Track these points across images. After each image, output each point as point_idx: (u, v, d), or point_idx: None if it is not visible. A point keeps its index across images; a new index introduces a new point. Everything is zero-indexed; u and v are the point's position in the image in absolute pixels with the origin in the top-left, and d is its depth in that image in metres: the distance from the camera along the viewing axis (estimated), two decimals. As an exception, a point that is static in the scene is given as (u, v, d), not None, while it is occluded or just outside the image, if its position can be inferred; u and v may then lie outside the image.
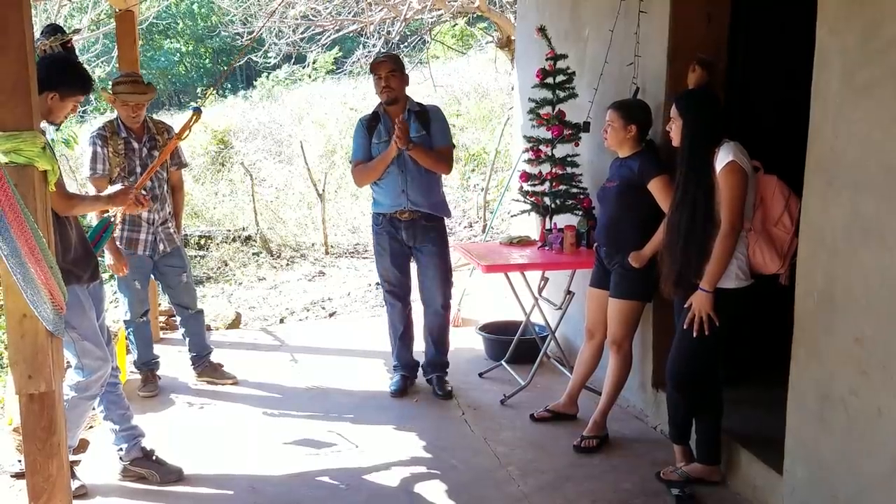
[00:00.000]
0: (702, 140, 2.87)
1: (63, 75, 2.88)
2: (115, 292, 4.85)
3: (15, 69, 2.27)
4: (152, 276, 4.24)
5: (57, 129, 5.66)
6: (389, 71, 3.89)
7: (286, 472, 3.32)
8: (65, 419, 2.60)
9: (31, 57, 2.31)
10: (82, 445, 3.48)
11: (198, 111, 3.85)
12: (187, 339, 4.35)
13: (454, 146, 4.12)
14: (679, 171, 2.94)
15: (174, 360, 4.57)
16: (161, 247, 4.09)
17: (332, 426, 3.78)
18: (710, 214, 2.83)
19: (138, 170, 3.94)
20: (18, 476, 3.16)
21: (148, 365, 4.24)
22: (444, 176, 4.15)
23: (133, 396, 4.02)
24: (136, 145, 3.97)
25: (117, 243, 3.98)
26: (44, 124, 2.87)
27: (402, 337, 4.24)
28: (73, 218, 2.99)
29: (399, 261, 4.12)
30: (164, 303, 5.54)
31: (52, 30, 3.53)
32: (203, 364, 4.37)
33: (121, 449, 3.24)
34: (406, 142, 3.78)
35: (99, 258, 3.32)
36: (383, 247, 4.11)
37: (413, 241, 4.05)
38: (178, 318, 4.39)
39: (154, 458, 3.26)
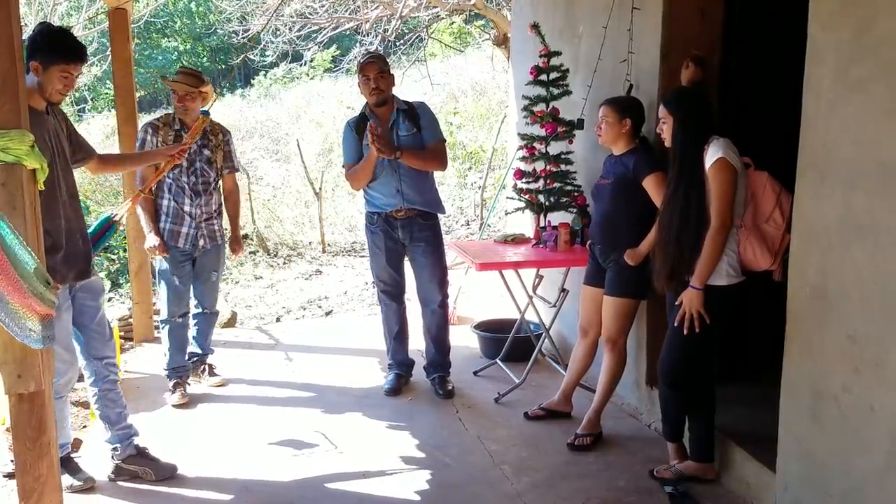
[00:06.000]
0: (692, 138, 2.87)
1: (40, 41, 2.81)
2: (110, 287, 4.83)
3: (3, 67, 2.25)
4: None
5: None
6: (378, 72, 3.87)
7: (279, 471, 3.31)
8: (55, 419, 2.58)
9: (19, 54, 2.29)
10: (76, 445, 3.47)
11: (205, 114, 3.89)
12: (192, 336, 4.32)
13: (445, 140, 4.11)
14: (671, 168, 2.94)
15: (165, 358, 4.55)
16: (202, 242, 4.06)
17: (326, 425, 3.77)
18: (702, 211, 2.82)
19: (184, 163, 3.93)
20: (10, 476, 3.15)
21: (178, 371, 4.15)
22: (438, 172, 4.13)
23: (134, 396, 3.99)
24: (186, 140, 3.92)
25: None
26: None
27: (398, 336, 4.23)
28: (73, 210, 2.95)
29: (394, 260, 4.10)
30: (160, 301, 5.54)
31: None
32: (200, 363, 4.34)
33: (115, 448, 3.22)
34: (391, 151, 3.77)
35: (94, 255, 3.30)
36: (378, 246, 4.08)
37: (409, 239, 4.03)
38: (192, 311, 4.35)
39: (148, 455, 3.25)
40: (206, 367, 4.36)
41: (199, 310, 4.29)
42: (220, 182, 4.18)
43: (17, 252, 2.17)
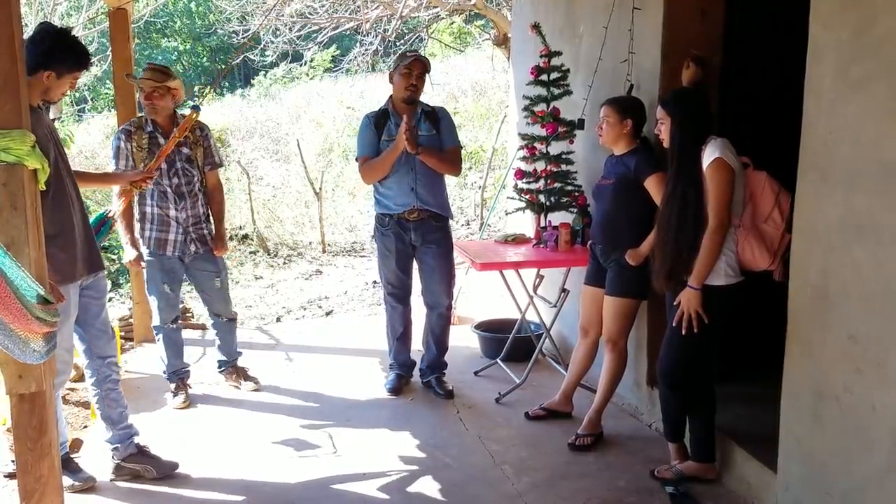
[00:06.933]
0: (690, 138, 2.87)
1: (59, 52, 2.83)
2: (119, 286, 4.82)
3: (4, 67, 2.25)
4: (186, 279, 4.13)
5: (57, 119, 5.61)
6: (421, 72, 3.90)
7: (280, 471, 3.31)
8: (56, 419, 2.58)
9: (20, 54, 2.29)
10: (76, 445, 3.47)
11: (196, 109, 3.82)
12: (216, 343, 4.29)
13: (461, 147, 4.12)
14: (669, 168, 2.94)
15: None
16: (192, 248, 3.92)
17: (326, 425, 3.77)
18: (700, 211, 2.82)
19: (164, 166, 3.80)
20: (11, 476, 3.15)
21: (178, 374, 4.11)
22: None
23: (134, 396, 3.99)
24: (161, 140, 3.81)
25: (143, 244, 3.91)
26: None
27: (402, 338, 4.22)
28: (78, 201, 2.96)
29: (403, 262, 4.08)
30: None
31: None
32: (229, 369, 4.32)
33: (116, 447, 3.22)
34: (414, 146, 3.76)
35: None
36: (389, 249, 4.04)
37: (420, 241, 4.01)
38: (210, 321, 4.31)
39: (148, 453, 3.26)
40: (238, 371, 4.31)
41: (214, 319, 4.23)
42: (204, 181, 4.00)
43: (18, 280, 2.14)
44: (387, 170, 3.91)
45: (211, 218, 4.06)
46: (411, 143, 3.74)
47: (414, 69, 3.88)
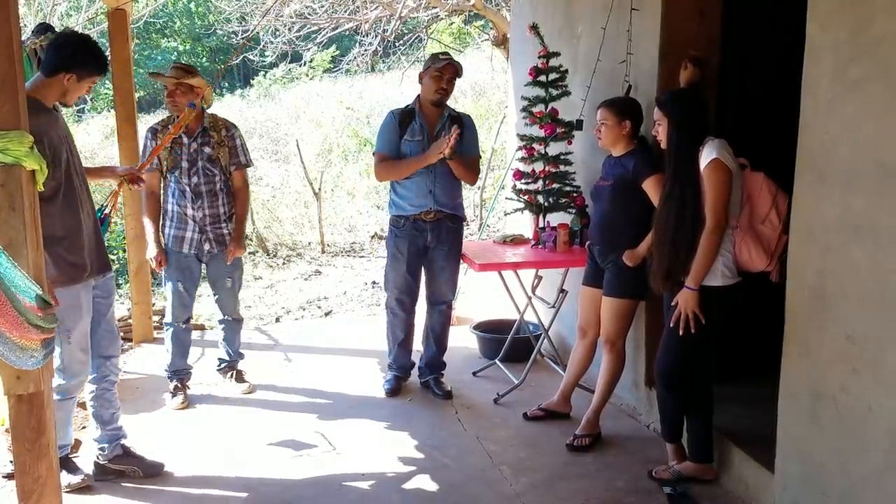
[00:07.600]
0: (688, 139, 2.87)
1: (81, 55, 2.86)
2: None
3: (2, 68, 2.25)
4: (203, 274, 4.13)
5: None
6: (452, 76, 3.91)
7: (279, 471, 3.31)
8: (55, 420, 2.58)
9: (18, 55, 2.28)
10: (75, 445, 3.47)
11: (191, 106, 3.83)
12: (220, 340, 4.30)
13: (480, 157, 4.13)
14: (667, 169, 2.95)
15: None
16: (207, 247, 3.92)
17: (324, 425, 3.77)
18: (697, 212, 2.82)
19: (184, 164, 3.81)
20: (10, 477, 3.15)
21: (179, 374, 4.11)
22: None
23: (134, 397, 3.99)
24: (185, 140, 3.83)
25: (164, 240, 3.94)
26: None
27: (403, 343, 4.21)
28: (89, 203, 2.97)
29: (414, 266, 4.06)
30: (159, 302, 5.54)
31: (43, 28, 3.53)
32: (226, 367, 4.32)
33: (102, 448, 3.22)
34: (452, 152, 3.76)
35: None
36: (401, 251, 4.01)
37: (435, 241, 4.01)
38: (218, 318, 4.32)
39: (133, 454, 3.26)
40: (235, 372, 4.31)
41: (221, 316, 4.24)
42: (230, 181, 3.98)
43: (16, 282, 2.13)
44: (409, 173, 3.91)
45: (233, 218, 4.03)
46: (453, 149, 3.73)
47: (445, 73, 3.89)
